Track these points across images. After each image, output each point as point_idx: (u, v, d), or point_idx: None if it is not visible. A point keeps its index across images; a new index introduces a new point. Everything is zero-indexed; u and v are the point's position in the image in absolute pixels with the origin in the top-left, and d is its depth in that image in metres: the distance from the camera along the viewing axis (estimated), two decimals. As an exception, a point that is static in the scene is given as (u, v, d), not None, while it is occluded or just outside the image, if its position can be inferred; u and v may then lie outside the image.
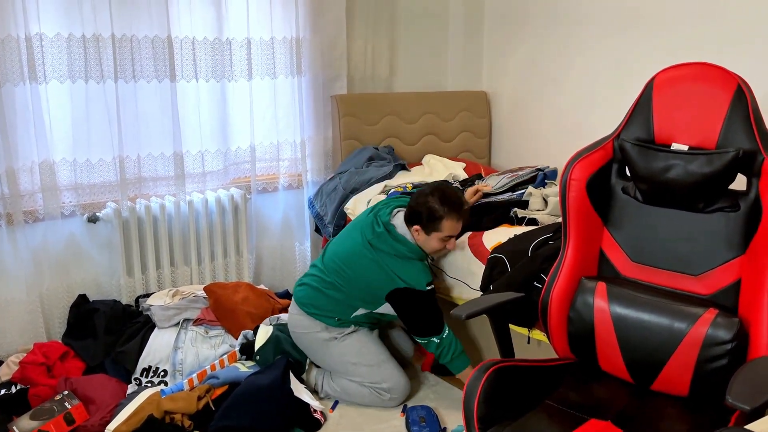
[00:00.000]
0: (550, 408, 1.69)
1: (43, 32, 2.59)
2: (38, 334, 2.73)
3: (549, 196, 2.73)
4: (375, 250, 2.46)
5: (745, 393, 1.29)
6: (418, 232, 2.46)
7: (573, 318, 1.83)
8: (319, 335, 2.57)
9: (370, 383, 2.54)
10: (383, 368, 2.56)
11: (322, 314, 2.56)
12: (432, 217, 2.42)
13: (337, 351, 2.57)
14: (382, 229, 2.49)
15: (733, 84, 1.66)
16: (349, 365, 2.56)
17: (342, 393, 2.60)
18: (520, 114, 3.72)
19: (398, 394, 2.56)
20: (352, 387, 2.57)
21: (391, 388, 2.54)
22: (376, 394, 2.55)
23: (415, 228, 2.46)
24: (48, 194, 2.69)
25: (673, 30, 2.88)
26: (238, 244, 3.23)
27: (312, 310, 2.57)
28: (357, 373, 2.56)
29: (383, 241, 2.47)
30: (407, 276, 2.43)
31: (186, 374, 2.61)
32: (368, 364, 2.56)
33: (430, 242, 2.47)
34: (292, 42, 3.22)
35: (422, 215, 2.43)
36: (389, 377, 2.55)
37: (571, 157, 1.86)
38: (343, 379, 2.59)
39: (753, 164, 1.63)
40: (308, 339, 2.60)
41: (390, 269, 2.44)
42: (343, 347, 2.57)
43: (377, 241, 2.48)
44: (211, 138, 3.11)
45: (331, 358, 2.59)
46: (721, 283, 1.69)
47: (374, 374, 2.55)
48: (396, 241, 2.47)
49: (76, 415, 2.30)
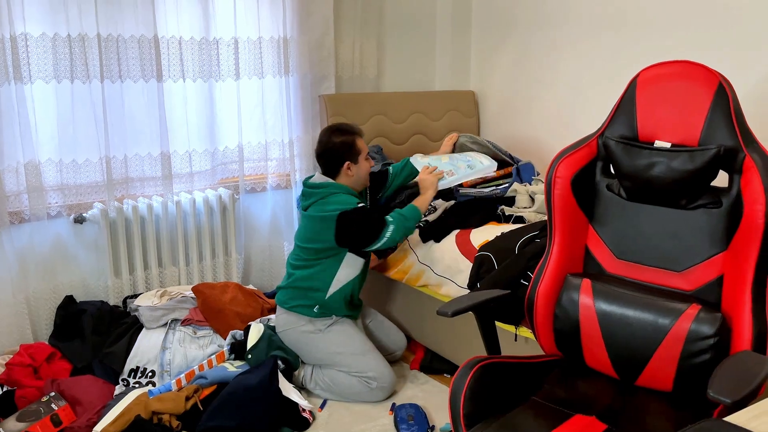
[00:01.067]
0: (536, 404, 1.70)
1: (28, 32, 2.58)
2: (24, 335, 2.72)
3: (536, 193, 2.74)
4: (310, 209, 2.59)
5: (726, 386, 1.30)
6: (350, 167, 2.61)
7: (559, 315, 1.84)
8: (304, 329, 2.64)
9: (356, 372, 2.59)
10: (368, 357, 2.62)
11: (302, 305, 2.63)
12: (349, 146, 2.60)
13: (322, 343, 2.63)
14: (303, 188, 2.67)
15: (714, 82, 1.67)
16: (335, 355, 2.61)
17: (331, 384, 2.63)
18: (508, 113, 3.74)
19: (385, 384, 2.59)
20: (340, 377, 2.61)
21: (377, 377, 2.58)
22: (364, 383, 2.58)
23: (346, 165, 2.61)
24: (34, 195, 2.68)
25: (658, 31, 2.90)
26: (226, 244, 3.23)
27: (291, 304, 2.65)
28: (343, 362, 2.60)
29: (310, 194, 2.61)
30: (338, 204, 2.54)
31: (174, 375, 2.61)
32: (353, 353, 2.61)
33: (362, 168, 2.65)
34: (279, 42, 3.22)
35: (341, 151, 2.60)
36: (375, 367, 2.59)
37: (556, 155, 1.87)
38: (331, 369, 2.63)
39: (734, 161, 1.64)
40: (294, 335, 2.65)
41: (323, 212, 2.54)
42: (328, 338, 2.63)
43: (305, 200, 2.63)
44: (198, 138, 3.11)
45: (317, 350, 2.64)
46: (704, 279, 1.71)
47: (360, 363, 2.59)
48: (319, 186, 2.60)
49: (63, 417, 2.29)
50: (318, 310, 2.63)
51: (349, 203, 2.54)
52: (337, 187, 2.61)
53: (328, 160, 2.64)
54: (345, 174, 2.63)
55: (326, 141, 2.64)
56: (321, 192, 2.59)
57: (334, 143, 2.62)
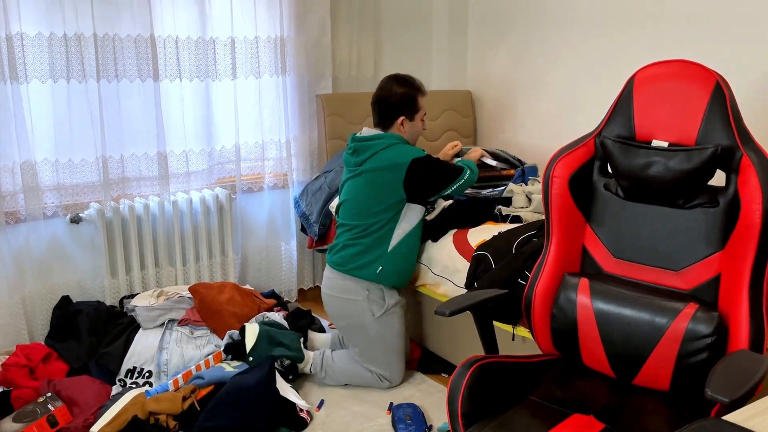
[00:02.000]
0: (533, 404, 1.70)
1: (24, 31, 2.57)
2: (20, 335, 2.71)
3: (532, 193, 2.75)
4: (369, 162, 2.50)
5: (724, 386, 1.30)
6: (404, 122, 2.54)
7: (556, 314, 1.84)
8: (359, 302, 2.60)
9: (374, 366, 2.63)
10: (395, 358, 2.66)
11: (363, 268, 2.57)
12: (409, 100, 2.53)
13: (368, 327, 2.61)
14: (352, 144, 2.56)
15: (711, 81, 1.68)
16: (371, 345, 2.63)
17: (342, 375, 2.68)
18: (505, 113, 3.74)
19: (394, 383, 2.69)
20: (354, 368, 2.66)
21: (390, 378, 2.67)
22: (376, 378, 2.65)
23: (401, 120, 2.53)
24: (30, 195, 2.67)
25: (656, 31, 2.91)
26: (223, 244, 3.22)
27: (350, 266, 2.60)
28: (372, 354, 2.63)
29: (365, 148, 2.51)
30: (403, 156, 2.46)
31: (171, 375, 2.60)
32: (386, 349, 2.64)
33: (416, 126, 2.59)
34: (276, 41, 3.22)
35: (399, 102, 2.52)
36: (394, 368, 2.66)
37: (554, 155, 1.87)
38: (344, 357, 2.67)
39: (731, 160, 1.65)
40: (343, 304, 2.63)
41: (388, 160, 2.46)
42: (375, 326, 2.61)
43: (357, 155, 2.53)
44: (195, 138, 3.10)
45: (359, 328, 2.63)
46: (701, 278, 1.71)
47: (385, 361, 2.63)
48: (375, 138, 2.51)
49: (60, 417, 2.29)
50: (380, 272, 2.57)
51: (416, 151, 2.47)
52: (394, 137, 2.51)
53: (384, 109, 2.54)
54: (397, 128, 2.54)
55: (387, 88, 2.54)
56: (379, 143, 2.48)
57: (394, 92, 2.52)
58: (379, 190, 2.51)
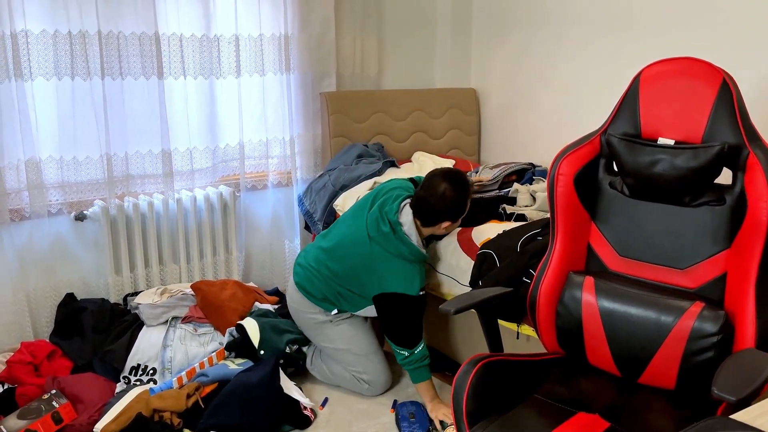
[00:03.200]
0: (538, 402, 1.70)
1: (28, 29, 2.57)
2: (25, 333, 2.71)
3: (537, 192, 2.74)
4: (376, 246, 2.42)
5: (731, 384, 1.30)
6: (447, 227, 2.47)
7: (561, 312, 1.84)
8: (316, 316, 2.62)
9: (353, 370, 2.60)
10: (369, 359, 2.61)
11: (322, 301, 2.59)
12: (461, 206, 2.43)
13: (330, 334, 2.62)
14: (388, 228, 2.41)
15: (718, 78, 1.67)
16: (338, 351, 2.62)
17: (329, 374, 2.67)
18: (509, 111, 3.73)
19: (376, 387, 2.62)
20: (338, 369, 2.64)
21: (371, 381, 2.60)
22: (356, 382, 2.61)
23: (445, 225, 2.45)
24: (34, 192, 2.67)
25: (660, 29, 2.90)
26: (227, 242, 3.22)
27: (308, 296, 2.61)
28: (343, 358, 2.61)
29: (388, 241, 2.41)
30: (403, 277, 2.40)
31: (175, 372, 2.60)
32: (355, 352, 2.61)
33: (453, 227, 2.53)
34: (280, 39, 3.22)
35: (451, 207, 2.41)
36: (372, 370, 2.60)
37: (559, 152, 1.86)
38: (331, 360, 2.66)
39: (738, 158, 1.64)
40: (304, 317, 2.65)
41: (386, 268, 2.41)
42: (336, 332, 2.61)
43: (382, 239, 2.42)
44: (199, 135, 3.10)
45: (324, 338, 2.64)
46: (707, 277, 1.70)
47: (358, 363, 2.60)
48: (401, 242, 2.41)
49: (64, 414, 2.29)
50: (335, 314, 2.60)
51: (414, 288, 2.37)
52: (416, 254, 2.39)
53: (432, 213, 2.41)
54: (436, 228, 2.45)
55: (439, 194, 2.37)
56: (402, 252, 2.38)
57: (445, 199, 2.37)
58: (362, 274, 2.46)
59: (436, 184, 2.39)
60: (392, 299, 2.41)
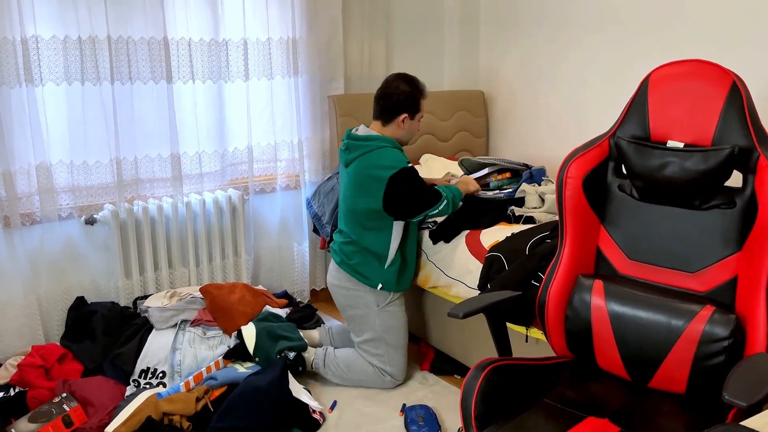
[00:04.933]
0: (547, 406, 1.69)
1: (38, 34, 2.59)
2: (36, 336, 2.73)
3: (545, 193, 2.73)
4: (355, 163, 2.52)
5: (741, 389, 1.28)
6: (405, 119, 2.56)
7: (570, 316, 1.83)
8: (363, 297, 2.64)
9: (378, 362, 2.65)
10: (398, 352, 2.68)
11: (365, 277, 2.62)
12: (413, 99, 2.56)
13: (373, 320, 2.64)
14: (346, 141, 2.57)
15: (728, 81, 1.66)
16: (372, 340, 2.65)
17: (345, 371, 2.68)
18: (517, 113, 3.72)
19: (398, 380, 2.70)
20: (359, 363, 2.67)
21: (394, 373, 2.67)
22: (378, 375, 2.65)
23: (403, 117, 2.55)
24: (45, 196, 2.69)
25: (669, 29, 2.88)
26: (236, 245, 3.23)
27: (354, 273, 2.63)
28: (376, 349, 2.65)
29: (356, 147, 2.53)
30: (387, 161, 2.46)
31: (184, 375, 2.61)
32: (389, 342, 2.65)
33: (414, 126, 2.61)
34: (288, 42, 3.22)
35: (403, 99, 2.54)
36: (397, 364, 2.67)
37: (568, 155, 1.86)
38: (349, 355, 2.69)
39: (749, 161, 1.63)
40: (349, 298, 2.67)
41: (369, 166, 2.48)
42: (381, 318, 2.64)
43: (348, 153, 2.55)
44: (208, 139, 3.11)
45: (365, 323, 2.65)
46: (718, 280, 1.69)
47: (387, 354, 2.65)
48: (365, 139, 2.52)
49: (75, 418, 2.30)
50: (381, 288, 2.61)
51: (399, 161, 2.46)
52: (385, 140, 2.52)
53: (388, 104, 2.55)
54: (397, 125, 2.56)
55: (394, 85, 2.56)
56: (368, 145, 2.50)
57: (401, 90, 2.54)
58: (364, 192, 2.52)
59: (391, 80, 2.60)
60: (393, 185, 2.45)
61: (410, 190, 2.49)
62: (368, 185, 2.50)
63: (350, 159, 2.55)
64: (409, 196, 2.50)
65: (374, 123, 2.63)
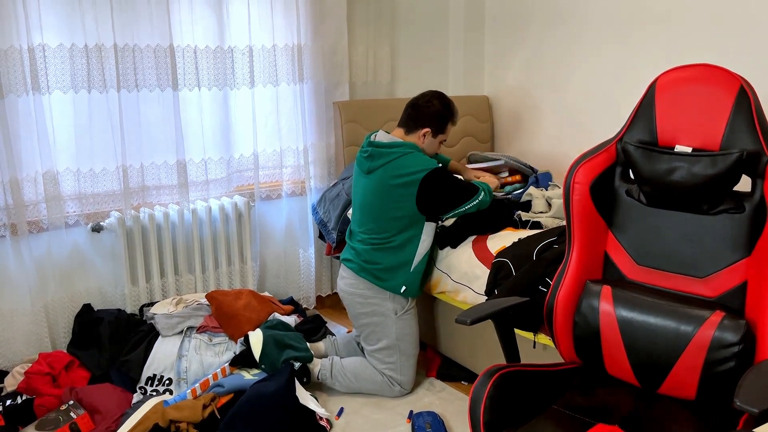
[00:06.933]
0: (556, 413, 1.68)
1: (45, 43, 2.60)
2: (43, 344, 2.73)
3: (552, 198, 2.72)
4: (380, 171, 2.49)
5: (753, 396, 1.27)
6: (426, 134, 2.54)
7: (578, 322, 1.82)
8: (381, 305, 2.62)
9: (389, 370, 2.63)
10: (409, 362, 2.66)
11: (385, 281, 2.59)
12: (441, 119, 2.54)
13: (389, 327, 2.62)
14: (368, 149, 2.55)
15: (735, 85, 1.65)
16: (386, 348, 2.63)
17: (353, 380, 2.67)
18: (522, 118, 3.72)
19: (406, 388, 2.68)
20: (368, 372, 2.66)
21: (403, 382, 2.65)
22: (387, 384, 2.64)
23: (425, 131, 2.54)
24: (52, 204, 2.70)
25: (675, 33, 2.88)
26: (242, 251, 3.24)
27: (372, 278, 2.61)
28: (386, 357, 2.63)
29: (379, 155, 2.51)
30: (416, 165, 2.45)
31: (191, 382, 2.61)
32: (402, 351, 2.64)
33: (433, 145, 2.59)
34: (293, 49, 3.23)
35: (432, 115, 2.53)
36: (407, 372, 2.66)
37: (575, 161, 1.85)
38: (357, 363, 2.67)
39: (757, 165, 1.62)
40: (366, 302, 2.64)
41: (399, 175, 2.45)
42: (396, 326, 2.62)
43: (370, 161, 2.52)
44: (214, 146, 3.12)
45: (381, 330, 2.63)
46: (727, 285, 1.68)
47: (399, 362, 2.64)
48: (389, 146, 2.51)
49: (82, 425, 2.30)
50: (404, 291, 2.60)
51: (429, 162, 2.45)
52: (410, 146, 2.51)
53: (414, 114, 2.56)
54: (418, 137, 2.56)
55: (427, 98, 2.57)
56: (394, 152, 2.48)
57: (432, 105, 2.55)
58: (393, 200, 2.51)
59: (428, 94, 2.61)
60: (429, 180, 2.43)
61: (447, 186, 2.49)
62: (397, 192, 2.48)
63: (374, 166, 2.53)
64: (448, 191, 2.49)
65: (397, 129, 2.62)
